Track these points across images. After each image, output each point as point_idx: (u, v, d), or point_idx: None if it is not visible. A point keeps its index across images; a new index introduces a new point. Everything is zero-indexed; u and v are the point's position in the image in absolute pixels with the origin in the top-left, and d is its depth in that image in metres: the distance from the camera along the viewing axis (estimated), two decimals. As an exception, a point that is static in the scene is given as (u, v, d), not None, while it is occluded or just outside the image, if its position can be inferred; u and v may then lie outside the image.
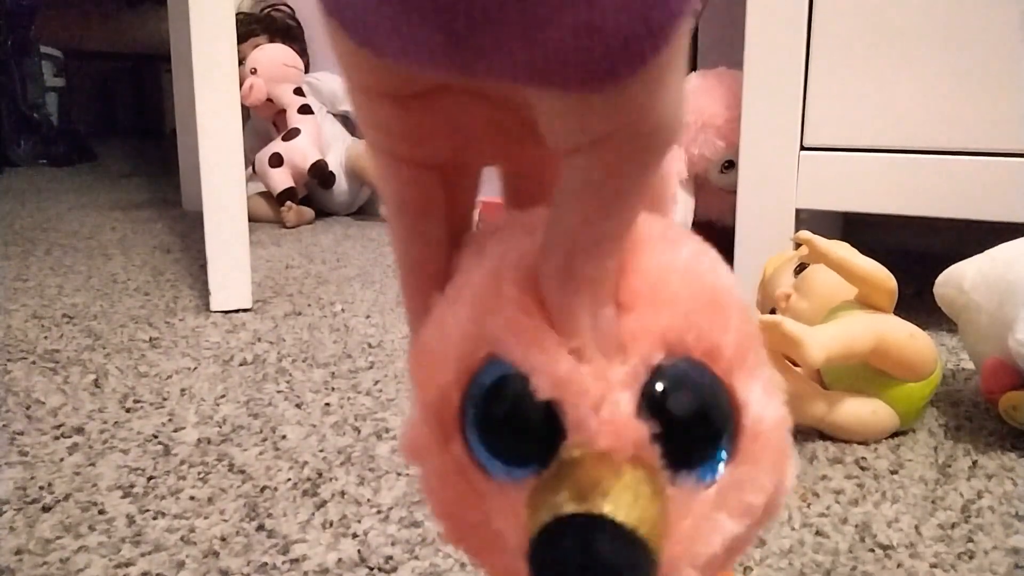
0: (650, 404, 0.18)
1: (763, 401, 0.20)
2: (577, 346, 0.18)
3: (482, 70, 0.15)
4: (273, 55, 1.80)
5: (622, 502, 0.17)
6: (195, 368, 0.80)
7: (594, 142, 0.17)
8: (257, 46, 1.82)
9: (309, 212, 1.78)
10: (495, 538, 0.19)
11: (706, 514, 0.19)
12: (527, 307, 0.19)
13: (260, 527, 0.51)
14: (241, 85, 1.43)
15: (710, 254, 0.21)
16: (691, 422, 0.19)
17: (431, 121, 0.19)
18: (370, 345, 0.88)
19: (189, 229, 1.58)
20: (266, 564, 0.47)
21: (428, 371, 0.20)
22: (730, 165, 1.05)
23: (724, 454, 0.19)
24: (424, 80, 0.18)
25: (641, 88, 0.16)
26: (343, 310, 1.03)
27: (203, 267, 1.02)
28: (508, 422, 0.19)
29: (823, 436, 0.64)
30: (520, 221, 0.21)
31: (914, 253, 1.33)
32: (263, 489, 0.56)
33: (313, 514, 0.53)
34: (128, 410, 0.70)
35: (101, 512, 0.53)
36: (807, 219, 0.95)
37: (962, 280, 0.68)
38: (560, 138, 0.17)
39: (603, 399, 0.18)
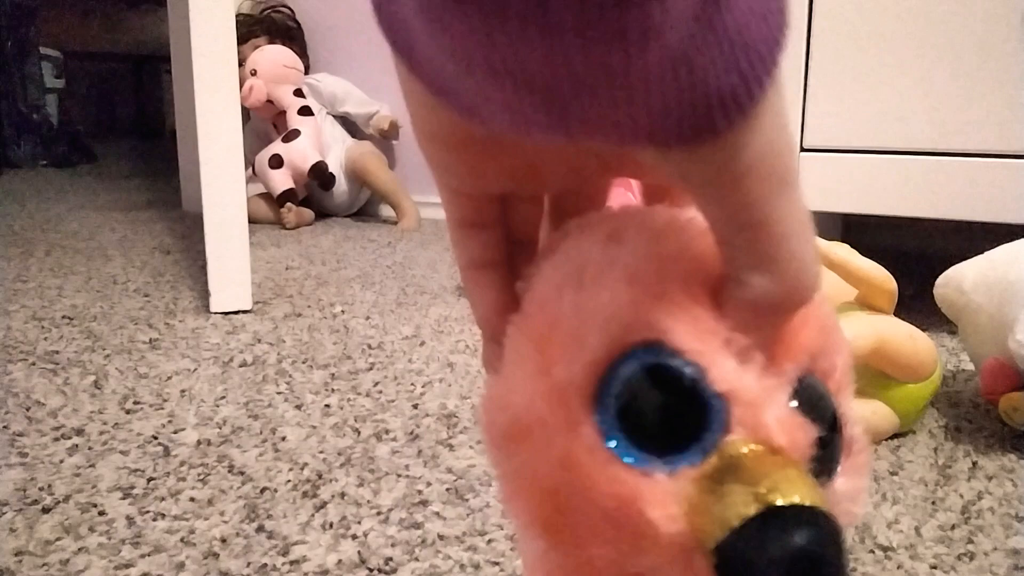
0: (801, 406, 0.19)
1: (855, 418, 0.21)
2: (745, 346, 0.18)
3: (580, 135, 0.16)
4: (273, 56, 1.80)
5: (814, 495, 0.17)
6: (195, 369, 0.80)
7: (712, 182, 0.17)
8: (257, 47, 1.82)
9: (309, 213, 1.78)
10: (611, 528, 0.18)
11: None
12: (697, 297, 0.19)
13: (260, 528, 0.51)
14: (241, 86, 1.43)
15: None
16: (825, 434, 0.19)
17: (495, 162, 0.20)
18: (370, 346, 0.88)
19: (189, 230, 1.58)
20: (266, 565, 0.47)
21: (558, 348, 0.19)
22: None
23: (839, 466, 0.20)
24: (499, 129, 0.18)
25: (746, 132, 0.16)
26: (343, 311, 1.03)
27: (203, 268, 1.02)
28: (663, 412, 0.18)
29: (823, 437, 0.64)
30: (641, 214, 0.21)
31: (914, 254, 1.33)
32: (263, 490, 0.56)
33: (313, 515, 0.53)
34: (128, 411, 0.70)
35: (101, 513, 0.53)
36: (807, 220, 0.95)
37: (962, 281, 0.68)
38: (676, 181, 0.18)
39: (769, 399, 0.18)
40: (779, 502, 0.17)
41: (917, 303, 0.82)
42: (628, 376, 0.18)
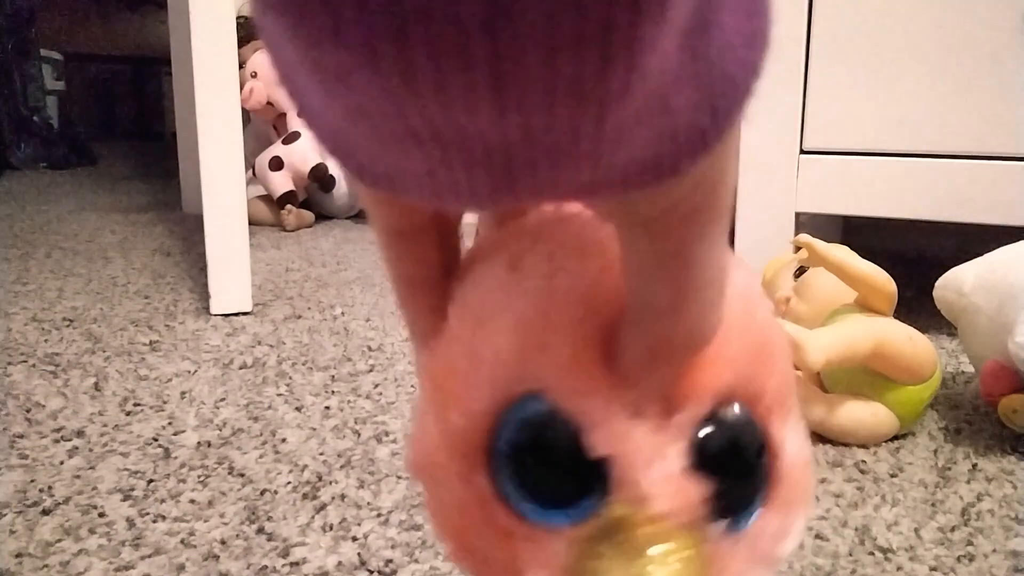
0: (698, 458, 0.18)
1: (795, 442, 0.20)
2: (634, 399, 0.17)
3: (526, 199, 0.13)
4: (273, 58, 1.80)
5: (675, 569, 0.16)
6: (195, 371, 0.80)
7: (654, 219, 0.15)
8: (257, 49, 1.82)
9: (309, 215, 1.78)
10: (510, 571, 0.18)
11: (740, 569, 0.18)
12: (582, 349, 0.17)
13: (260, 530, 0.51)
14: (241, 88, 1.43)
15: (756, 284, 0.20)
16: (735, 475, 0.18)
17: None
18: (370, 348, 0.88)
19: (189, 232, 1.58)
20: (266, 567, 0.47)
21: (453, 394, 0.19)
22: (730, 168, 1.05)
23: (760, 502, 0.19)
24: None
25: (703, 167, 0.14)
26: (343, 313, 1.03)
27: (203, 270, 1.02)
28: (549, 465, 0.18)
29: (823, 439, 0.64)
30: (551, 232, 0.19)
31: (913, 256, 1.33)
32: (263, 492, 0.56)
33: (313, 517, 0.53)
34: (128, 413, 0.70)
35: (101, 515, 0.53)
36: (806, 222, 0.95)
37: (962, 283, 0.68)
38: (615, 220, 0.16)
39: (656, 457, 0.17)
40: None
41: (916, 305, 0.82)
42: (515, 427, 0.18)
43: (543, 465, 0.18)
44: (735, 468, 0.18)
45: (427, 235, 0.19)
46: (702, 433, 0.18)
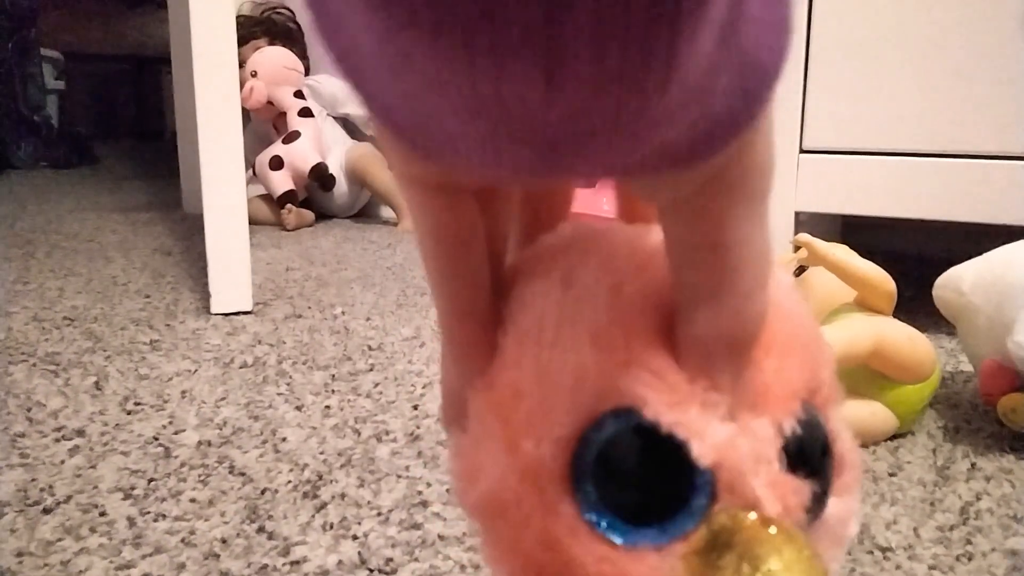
0: (791, 458, 0.18)
1: (844, 428, 0.20)
2: (725, 404, 0.17)
3: (566, 176, 0.14)
4: (273, 58, 1.80)
5: (799, 570, 0.16)
6: (195, 370, 0.80)
7: (688, 202, 0.16)
8: (257, 49, 1.82)
9: (309, 215, 1.78)
10: None
11: (828, 554, 0.18)
12: (667, 358, 0.17)
13: (260, 529, 0.51)
14: (241, 88, 1.43)
15: (790, 281, 0.20)
16: (814, 469, 0.18)
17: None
18: (370, 347, 0.88)
19: (189, 231, 1.59)
20: (266, 566, 0.47)
21: (525, 422, 0.18)
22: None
23: (831, 491, 0.19)
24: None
25: (737, 149, 0.15)
26: (343, 312, 1.03)
27: (203, 269, 1.02)
28: (644, 482, 0.17)
29: (822, 438, 0.64)
30: (598, 245, 0.19)
31: (913, 256, 1.33)
32: (263, 491, 0.56)
33: (313, 516, 0.53)
34: (129, 412, 0.70)
35: (102, 514, 0.53)
36: (806, 221, 0.95)
37: (961, 282, 0.68)
38: (655, 200, 0.16)
39: (761, 461, 0.17)
40: None
41: (916, 304, 0.82)
42: (602, 447, 0.17)
43: (636, 483, 0.17)
44: (812, 462, 0.18)
45: (477, 240, 0.18)
46: (789, 432, 0.18)
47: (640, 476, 0.17)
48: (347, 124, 1.91)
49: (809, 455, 0.18)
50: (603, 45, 0.11)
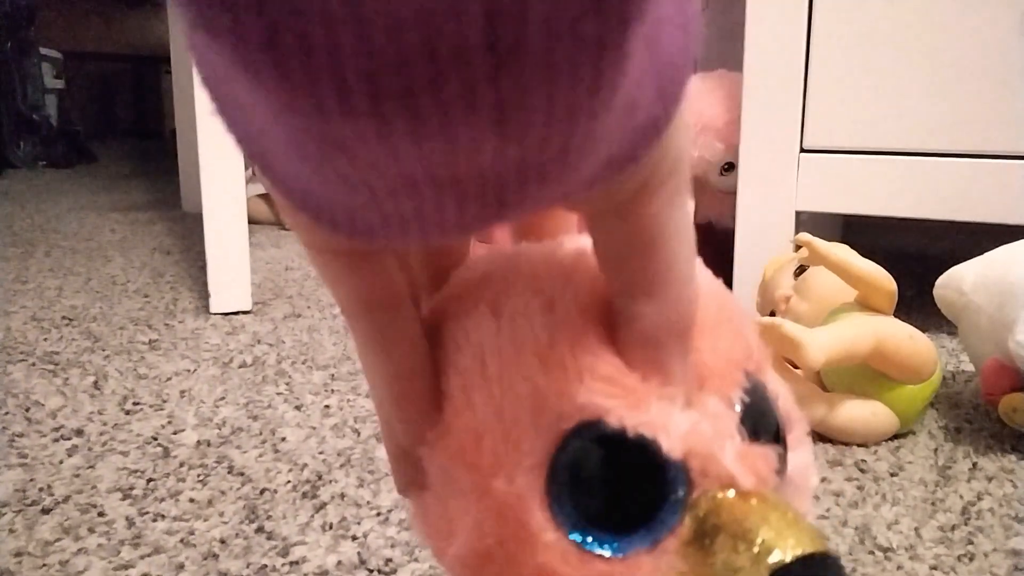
0: (749, 428, 0.18)
1: (780, 385, 0.21)
2: (681, 392, 0.17)
3: (512, 217, 0.14)
4: (273, 57, 1.80)
5: (805, 536, 0.16)
6: (195, 370, 0.80)
7: (618, 208, 0.16)
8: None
9: (309, 214, 1.78)
10: None
11: (801, 509, 0.19)
12: (614, 363, 0.17)
13: (259, 529, 0.51)
14: (241, 87, 1.43)
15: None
16: (769, 432, 0.19)
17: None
18: (370, 347, 0.88)
19: (189, 231, 1.58)
20: (266, 566, 0.47)
21: (491, 461, 0.17)
22: (730, 167, 1.05)
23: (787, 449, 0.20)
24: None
25: (660, 151, 0.15)
26: (343, 312, 1.03)
27: (203, 269, 1.02)
28: (618, 487, 0.17)
29: (823, 438, 0.64)
30: (516, 270, 0.19)
31: (914, 255, 1.33)
32: (263, 491, 0.56)
33: (313, 516, 0.53)
34: (128, 412, 0.69)
35: (100, 514, 0.53)
36: (807, 221, 0.95)
37: (962, 282, 0.68)
38: (590, 211, 0.16)
39: (724, 438, 0.17)
40: (785, 558, 0.16)
41: (917, 304, 0.82)
42: (572, 465, 0.17)
43: (612, 492, 0.17)
44: (768, 427, 0.19)
45: (406, 306, 0.18)
46: (739, 404, 0.18)
47: (615, 484, 0.17)
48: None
49: (763, 420, 0.19)
50: (554, 82, 0.11)
